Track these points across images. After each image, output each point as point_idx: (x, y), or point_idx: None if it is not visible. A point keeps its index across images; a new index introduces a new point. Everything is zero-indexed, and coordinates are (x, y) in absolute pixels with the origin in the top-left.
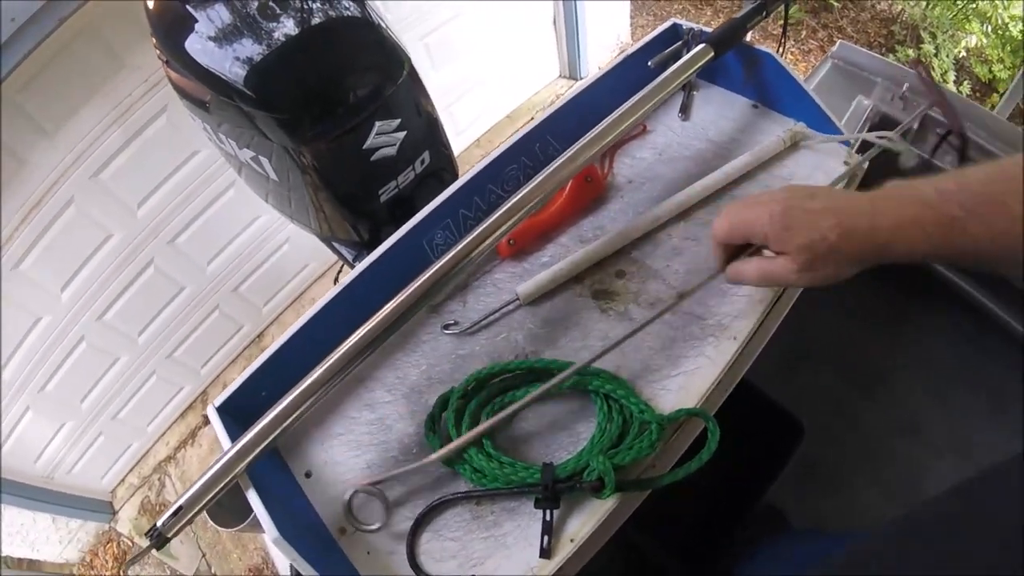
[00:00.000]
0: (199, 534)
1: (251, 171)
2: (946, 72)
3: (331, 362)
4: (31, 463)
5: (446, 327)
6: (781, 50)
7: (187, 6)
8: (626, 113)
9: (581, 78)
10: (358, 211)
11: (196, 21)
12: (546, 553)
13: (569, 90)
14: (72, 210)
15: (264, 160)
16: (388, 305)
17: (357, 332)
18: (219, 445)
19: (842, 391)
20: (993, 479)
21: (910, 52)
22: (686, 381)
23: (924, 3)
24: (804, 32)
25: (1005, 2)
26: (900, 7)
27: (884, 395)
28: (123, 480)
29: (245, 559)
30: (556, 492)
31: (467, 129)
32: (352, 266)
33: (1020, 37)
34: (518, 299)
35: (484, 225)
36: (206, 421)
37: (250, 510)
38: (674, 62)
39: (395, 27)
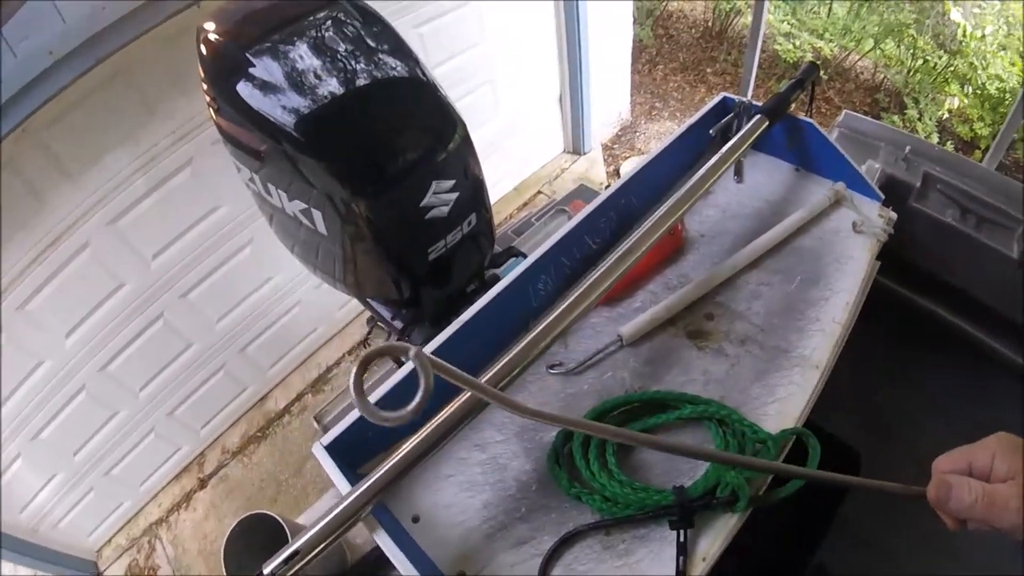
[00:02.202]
0: None
1: (285, 223)
2: (930, 134)
3: (453, 409)
4: (16, 513)
5: (551, 367)
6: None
7: (246, 53)
8: (704, 177)
9: (585, 153)
10: (404, 267)
11: (253, 66)
12: (681, 574)
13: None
14: (86, 255)
15: (316, 212)
16: (503, 358)
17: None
18: (215, 511)
19: (861, 438)
20: None
21: (895, 119)
22: (782, 407)
23: (906, 70)
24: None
25: (983, 63)
26: (883, 76)
27: (902, 440)
28: (110, 540)
29: None
30: (691, 511)
31: None
32: (391, 324)
33: (998, 95)
34: (620, 340)
35: (591, 280)
36: (202, 484)
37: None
38: (730, 130)
39: None
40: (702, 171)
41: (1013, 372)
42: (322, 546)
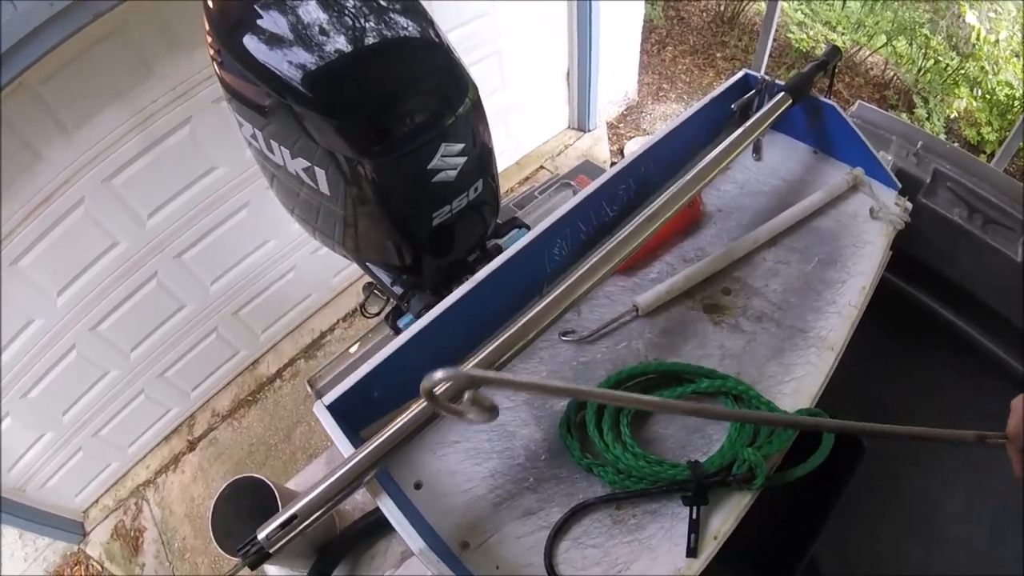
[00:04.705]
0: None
1: (287, 182)
2: (937, 135)
3: None
4: (3, 472)
5: (564, 335)
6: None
7: (254, 5)
8: (726, 151)
9: (590, 130)
10: (406, 232)
11: (260, 18)
12: (693, 552)
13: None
14: (80, 212)
15: (319, 171)
16: (517, 322)
17: (482, 350)
18: (203, 474)
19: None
20: None
21: (904, 116)
22: (798, 386)
23: (916, 69)
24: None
25: (994, 68)
26: (893, 73)
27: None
28: (97, 501)
29: None
30: (706, 488)
31: None
32: (390, 289)
33: (1007, 101)
34: (636, 310)
35: (609, 247)
36: (191, 447)
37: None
38: (751, 106)
39: None
40: (724, 144)
41: (1009, 375)
42: (320, 512)
